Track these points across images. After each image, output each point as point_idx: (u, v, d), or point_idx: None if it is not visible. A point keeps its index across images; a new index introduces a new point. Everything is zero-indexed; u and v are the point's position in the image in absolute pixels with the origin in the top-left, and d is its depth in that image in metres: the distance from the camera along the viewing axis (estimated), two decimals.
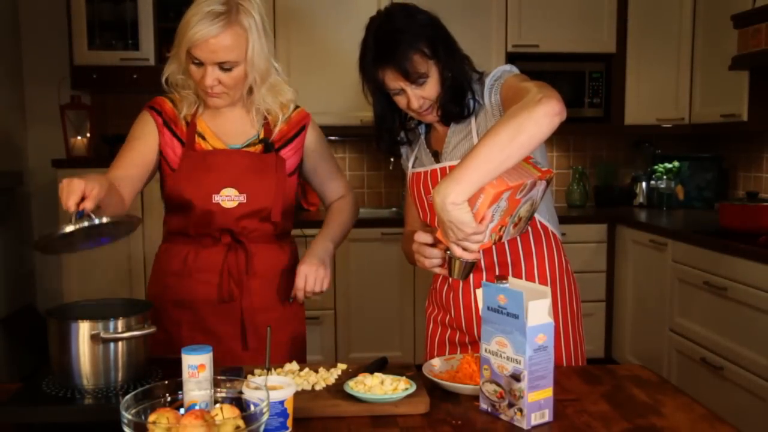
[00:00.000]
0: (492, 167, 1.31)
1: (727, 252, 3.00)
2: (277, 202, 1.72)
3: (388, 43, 1.54)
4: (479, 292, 1.28)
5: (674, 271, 3.44)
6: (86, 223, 1.31)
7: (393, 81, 1.57)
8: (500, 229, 1.43)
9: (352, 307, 3.92)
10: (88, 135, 4.05)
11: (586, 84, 4.22)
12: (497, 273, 1.66)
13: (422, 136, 1.76)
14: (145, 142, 1.71)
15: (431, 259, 1.53)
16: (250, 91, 1.72)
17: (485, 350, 1.28)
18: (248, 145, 1.73)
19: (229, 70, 1.62)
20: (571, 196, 4.49)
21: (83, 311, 1.40)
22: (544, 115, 1.31)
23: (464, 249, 1.38)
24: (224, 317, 1.73)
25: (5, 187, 3.90)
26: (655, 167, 4.34)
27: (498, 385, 1.25)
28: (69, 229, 1.30)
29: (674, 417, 1.28)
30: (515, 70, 1.64)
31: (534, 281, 1.66)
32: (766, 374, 2.76)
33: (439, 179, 1.64)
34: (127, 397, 1.01)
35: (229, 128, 1.74)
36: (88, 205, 1.32)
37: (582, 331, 1.77)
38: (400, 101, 1.62)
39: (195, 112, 1.73)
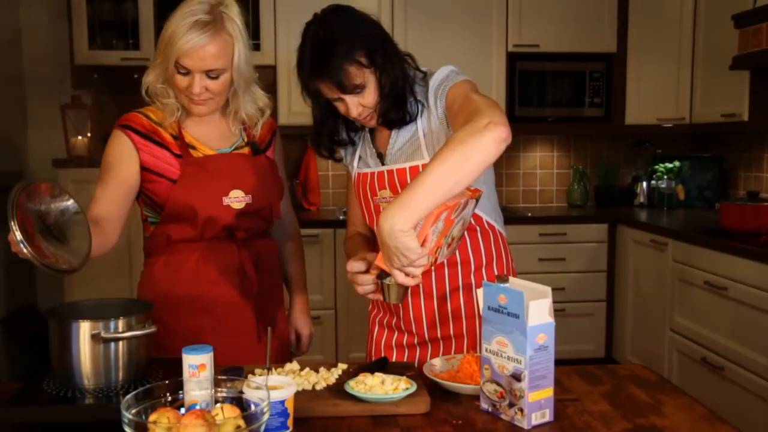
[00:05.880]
0: (440, 194, 1.29)
1: (727, 252, 3.00)
2: (276, 200, 1.78)
3: (323, 55, 1.50)
4: (480, 291, 1.28)
5: (675, 270, 3.44)
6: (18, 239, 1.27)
7: (329, 92, 1.55)
8: (436, 251, 1.40)
9: (352, 307, 3.92)
10: (89, 135, 4.05)
11: (586, 84, 4.21)
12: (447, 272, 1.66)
13: (366, 135, 1.73)
14: (122, 171, 1.68)
15: (364, 286, 1.53)
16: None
17: (486, 350, 1.28)
18: (235, 149, 1.76)
19: (215, 77, 1.63)
20: (572, 195, 4.49)
21: (84, 311, 1.40)
22: (491, 141, 1.30)
23: (407, 274, 1.36)
24: (240, 315, 1.74)
25: (5, 187, 3.88)
26: (656, 167, 4.34)
27: (498, 384, 1.26)
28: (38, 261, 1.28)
29: (675, 417, 1.28)
30: (461, 75, 1.60)
31: (480, 278, 1.66)
32: (767, 374, 2.76)
33: (385, 181, 1.63)
34: (128, 396, 1.01)
35: (213, 135, 1.74)
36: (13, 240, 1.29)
37: None
38: (340, 107, 1.59)
39: (178, 122, 1.72)
